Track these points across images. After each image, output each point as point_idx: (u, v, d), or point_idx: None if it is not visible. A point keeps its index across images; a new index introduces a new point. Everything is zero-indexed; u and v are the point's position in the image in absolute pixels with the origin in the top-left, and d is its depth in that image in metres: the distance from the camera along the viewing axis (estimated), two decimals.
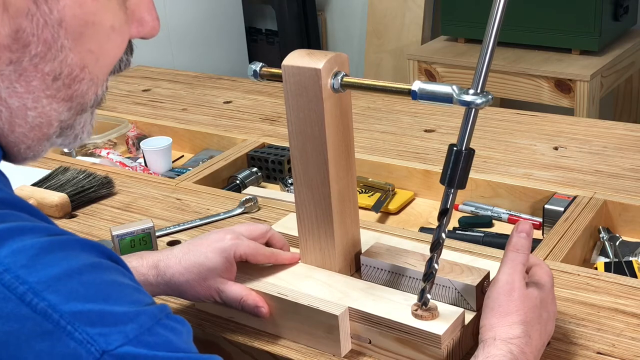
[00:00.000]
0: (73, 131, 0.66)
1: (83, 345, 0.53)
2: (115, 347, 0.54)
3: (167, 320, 0.59)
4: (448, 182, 0.87)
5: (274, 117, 1.86)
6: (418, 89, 0.87)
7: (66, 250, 0.57)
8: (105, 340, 0.53)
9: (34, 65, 0.59)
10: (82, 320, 0.53)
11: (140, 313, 0.56)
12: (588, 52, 2.65)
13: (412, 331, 0.91)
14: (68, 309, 0.53)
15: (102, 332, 0.54)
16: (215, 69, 3.21)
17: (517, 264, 0.90)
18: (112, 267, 0.59)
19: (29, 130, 0.62)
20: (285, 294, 0.99)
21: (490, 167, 1.49)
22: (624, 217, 1.31)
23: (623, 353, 0.94)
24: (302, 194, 1.00)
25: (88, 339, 0.53)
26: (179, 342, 0.59)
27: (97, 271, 0.57)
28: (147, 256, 1.00)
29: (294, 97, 0.94)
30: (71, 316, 0.53)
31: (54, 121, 0.63)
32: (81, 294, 0.54)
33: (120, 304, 0.56)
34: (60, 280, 0.54)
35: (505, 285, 0.87)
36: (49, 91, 0.61)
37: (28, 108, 0.61)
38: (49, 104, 0.62)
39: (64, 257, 0.56)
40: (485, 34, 0.84)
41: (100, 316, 0.54)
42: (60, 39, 0.60)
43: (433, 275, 0.91)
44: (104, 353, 0.53)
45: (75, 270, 0.56)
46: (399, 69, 3.29)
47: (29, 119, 0.61)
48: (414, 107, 1.81)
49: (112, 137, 1.82)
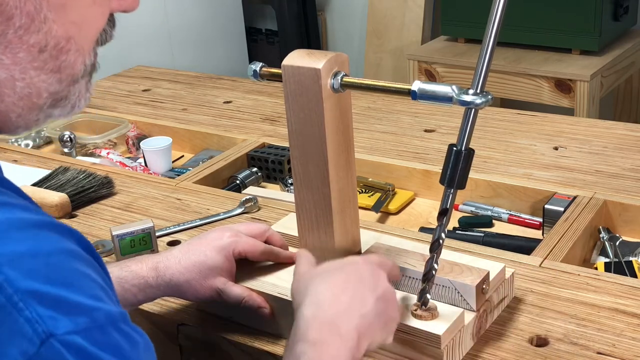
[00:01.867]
0: (68, 102, 0.67)
1: (31, 324, 0.52)
2: (62, 332, 0.53)
3: (125, 326, 0.57)
4: (448, 182, 0.87)
5: (274, 117, 1.86)
6: (418, 89, 0.86)
7: (40, 230, 0.57)
8: (54, 324, 0.53)
9: (19, 37, 0.61)
10: (36, 300, 0.53)
11: (97, 309, 0.56)
12: (588, 52, 2.65)
13: (412, 331, 0.91)
14: (24, 286, 0.53)
15: (53, 316, 0.53)
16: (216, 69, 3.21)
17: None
18: (85, 258, 0.59)
19: (17, 100, 0.63)
20: (286, 294, 0.99)
21: (490, 167, 1.49)
22: (624, 217, 1.31)
23: (623, 353, 0.94)
24: (302, 194, 1.00)
25: (37, 318, 0.52)
26: (130, 352, 0.57)
27: (65, 257, 0.57)
28: (146, 259, 1.00)
29: (293, 97, 0.94)
30: (25, 294, 0.53)
31: (43, 92, 0.64)
32: (42, 274, 0.54)
33: (79, 294, 0.55)
34: (23, 257, 0.54)
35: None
36: (36, 63, 0.62)
37: (16, 79, 0.62)
38: (37, 75, 0.63)
39: (35, 236, 0.56)
40: (485, 34, 0.84)
41: (55, 300, 0.54)
42: (43, 11, 0.61)
43: (433, 275, 0.91)
44: (50, 336, 0.52)
45: (42, 251, 0.55)
46: (399, 69, 3.29)
47: (17, 89, 0.62)
48: (414, 107, 1.81)
49: (112, 137, 1.82)
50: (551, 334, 0.98)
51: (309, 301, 0.82)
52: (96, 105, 2.03)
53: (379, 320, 0.83)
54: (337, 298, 0.82)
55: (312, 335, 0.78)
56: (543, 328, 0.99)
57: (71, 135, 1.79)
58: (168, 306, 1.10)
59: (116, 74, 2.32)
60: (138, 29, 3.09)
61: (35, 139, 1.88)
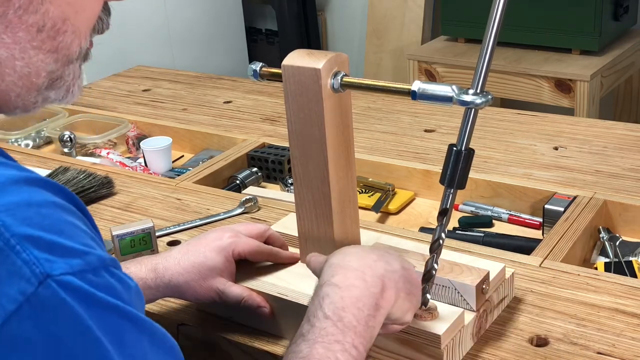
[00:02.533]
0: (64, 83, 0.69)
1: (29, 266, 0.54)
2: (59, 273, 0.55)
3: (116, 270, 0.60)
4: (448, 182, 0.87)
5: (274, 117, 1.86)
6: (418, 89, 0.87)
7: (32, 186, 0.59)
8: (51, 266, 0.55)
9: (19, 17, 0.62)
10: (32, 244, 0.55)
11: (89, 253, 0.58)
12: (588, 52, 2.65)
13: (412, 331, 0.91)
14: (20, 231, 0.55)
15: (49, 259, 0.55)
16: (216, 69, 3.21)
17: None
18: (74, 212, 0.61)
19: (17, 79, 0.65)
20: (285, 294, 0.99)
21: (490, 167, 1.49)
22: (624, 217, 1.31)
23: (623, 353, 0.94)
24: (302, 194, 1.00)
25: (34, 260, 0.55)
26: (122, 292, 0.59)
27: (57, 209, 0.59)
28: (145, 260, 1.00)
29: (294, 97, 0.94)
30: (22, 238, 0.55)
31: (41, 71, 0.66)
32: (36, 222, 0.56)
33: (71, 240, 0.57)
34: (19, 206, 0.57)
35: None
36: (34, 42, 0.64)
37: (16, 58, 0.64)
38: (35, 55, 0.65)
39: (29, 190, 0.59)
40: (485, 34, 0.84)
41: (50, 245, 0.56)
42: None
43: (433, 275, 0.91)
44: (48, 277, 0.55)
45: (35, 202, 0.58)
46: (399, 69, 3.29)
47: (17, 68, 0.64)
48: (414, 107, 1.81)
49: (112, 137, 1.82)
50: (551, 334, 0.98)
51: (337, 255, 0.86)
52: (96, 105, 2.03)
53: (404, 283, 0.85)
54: (364, 256, 0.85)
55: (336, 279, 0.81)
56: (543, 328, 0.99)
57: (71, 135, 1.79)
58: (168, 306, 1.10)
59: (116, 74, 2.32)
60: (138, 29, 3.09)
61: (35, 139, 1.88)
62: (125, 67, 2.39)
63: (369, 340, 0.79)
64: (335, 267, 0.84)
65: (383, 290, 0.82)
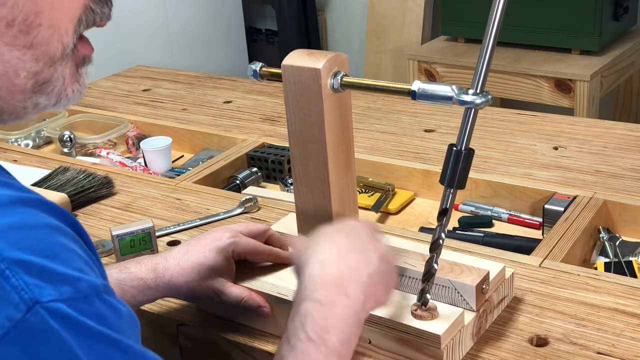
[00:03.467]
0: (53, 87, 0.66)
1: (17, 291, 0.53)
2: (48, 300, 0.54)
3: (108, 297, 0.59)
4: (448, 182, 0.87)
5: (274, 117, 1.86)
6: (418, 89, 0.87)
7: (27, 207, 0.58)
8: (40, 292, 0.54)
9: None
10: (22, 269, 0.54)
11: (81, 280, 0.57)
12: (588, 52, 2.65)
13: (412, 331, 0.91)
14: (11, 256, 0.54)
15: (39, 285, 0.54)
16: (216, 69, 3.21)
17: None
18: (69, 233, 0.60)
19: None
20: (285, 294, 0.99)
21: (490, 167, 1.49)
22: (624, 217, 1.31)
23: (623, 353, 0.94)
24: (302, 194, 1.00)
25: (24, 286, 0.54)
26: (113, 320, 0.58)
27: (51, 231, 0.58)
28: (145, 260, 1.00)
29: (294, 97, 0.94)
30: (12, 262, 0.54)
31: (19, 70, 0.63)
32: (28, 245, 0.55)
33: (63, 265, 0.56)
34: (10, 229, 0.55)
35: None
36: (6, 38, 0.61)
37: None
38: (9, 52, 0.62)
39: (23, 212, 0.57)
40: (485, 34, 0.84)
41: (41, 270, 0.55)
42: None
43: (433, 275, 0.91)
44: (37, 303, 0.54)
45: (29, 224, 0.57)
46: (399, 69, 3.29)
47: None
48: (414, 107, 1.81)
49: (112, 137, 1.82)
50: (551, 334, 0.98)
51: (315, 259, 0.82)
52: (96, 105, 2.03)
53: (383, 280, 0.83)
54: (343, 257, 0.81)
55: (318, 295, 0.78)
56: (543, 328, 0.99)
57: (71, 135, 1.79)
58: (168, 306, 1.10)
59: (116, 74, 2.32)
60: (138, 29, 3.09)
61: (35, 139, 1.88)
62: (125, 67, 2.39)
63: (350, 356, 0.77)
64: (316, 280, 0.79)
65: (365, 301, 0.79)
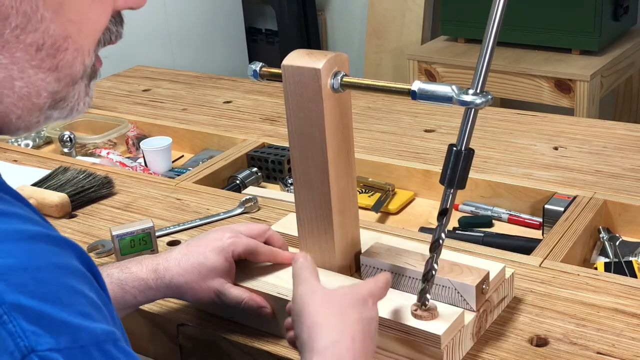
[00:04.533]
0: (67, 103, 0.67)
1: (13, 338, 0.52)
2: (44, 349, 0.53)
3: (109, 347, 0.57)
4: (448, 182, 0.87)
5: (274, 117, 1.86)
6: (418, 89, 0.87)
7: (35, 243, 0.57)
8: (37, 340, 0.53)
9: (16, 36, 0.61)
10: (21, 314, 0.53)
11: (81, 329, 0.55)
12: (588, 52, 2.65)
13: (411, 331, 0.91)
14: (10, 299, 0.53)
15: (36, 332, 0.53)
16: (216, 69, 3.21)
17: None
18: (79, 273, 0.58)
19: (17, 100, 0.63)
20: (285, 294, 0.99)
21: (490, 167, 1.49)
22: (624, 217, 1.31)
23: (623, 353, 0.94)
24: (302, 194, 1.00)
25: (20, 333, 0.53)
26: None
27: (57, 272, 0.56)
28: (146, 260, 1.00)
29: (293, 97, 0.94)
30: (11, 307, 0.53)
31: (42, 91, 0.64)
32: (29, 289, 0.54)
33: (65, 311, 0.55)
34: (13, 270, 0.54)
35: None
36: (33, 62, 0.62)
37: (14, 78, 0.62)
38: (35, 74, 0.63)
39: (29, 249, 0.56)
40: (485, 34, 0.84)
41: (40, 316, 0.54)
42: (40, 10, 0.61)
43: (433, 275, 0.91)
44: (32, 351, 0.53)
45: (34, 265, 0.55)
46: (399, 69, 3.29)
47: (16, 89, 0.62)
48: (414, 107, 1.81)
49: (112, 137, 1.82)
50: (551, 334, 0.98)
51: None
52: (96, 105, 2.03)
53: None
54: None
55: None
56: (543, 328, 0.99)
57: (71, 135, 1.79)
58: (168, 306, 1.10)
59: (116, 74, 2.32)
60: (138, 29, 3.08)
61: (35, 139, 1.88)
62: (125, 67, 2.39)
63: None
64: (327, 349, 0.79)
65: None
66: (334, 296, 0.85)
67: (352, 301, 0.84)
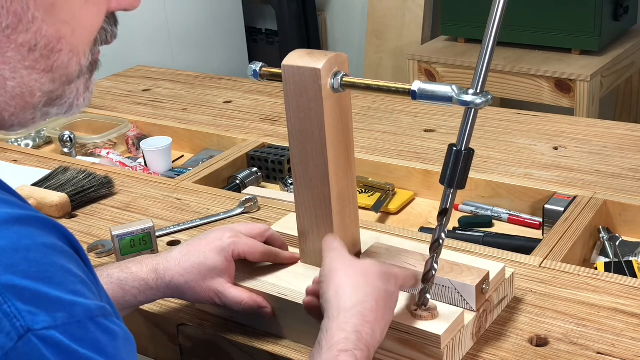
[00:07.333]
0: (65, 100, 0.67)
1: (9, 319, 0.53)
2: (40, 327, 0.53)
3: (104, 320, 0.58)
4: (448, 182, 0.87)
5: (274, 117, 1.86)
6: (418, 89, 0.87)
7: (23, 225, 0.57)
8: (33, 319, 0.53)
9: (7, 36, 0.60)
10: (15, 295, 0.53)
11: (76, 304, 0.56)
12: (588, 52, 2.65)
13: (411, 331, 0.91)
14: (4, 281, 0.53)
15: (32, 311, 0.53)
16: (216, 69, 3.21)
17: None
18: (66, 252, 0.59)
19: (10, 99, 0.63)
20: (285, 294, 0.99)
21: (490, 167, 1.49)
22: (624, 217, 1.31)
23: (623, 353, 0.94)
24: (302, 194, 1.00)
25: (16, 313, 0.53)
26: (108, 345, 0.57)
27: (47, 252, 0.57)
28: (147, 260, 1.00)
29: (293, 97, 0.94)
30: (5, 288, 0.53)
31: (36, 91, 0.64)
32: (21, 269, 0.55)
33: (58, 289, 0.56)
34: (4, 252, 0.55)
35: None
36: (26, 62, 0.62)
37: (6, 78, 0.62)
38: (28, 75, 0.63)
39: (18, 231, 0.56)
40: (485, 33, 0.84)
41: (34, 295, 0.54)
42: (31, 11, 0.61)
43: (433, 275, 0.91)
44: (29, 331, 0.53)
45: (23, 246, 0.56)
46: (399, 69, 3.29)
47: (8, 89, 0.62)
48: (414, 107, 1.81)
49: (112, 137, 1.82)
50: (551, 334, 0.98)
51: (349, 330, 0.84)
52: (96, 105, 2.03)
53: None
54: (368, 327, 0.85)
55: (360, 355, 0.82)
56: (543, 328, 0.99)
57: (71, 135, 1.79)
58: (168, 306, 1.10)
59: (116, 74, 2.32)
60: (138, 29, 3.09)
61: (35, 139, 1.88)
62: (125, 67, 2.39)
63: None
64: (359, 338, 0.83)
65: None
66: (362, 264, 0.91)
67: (378, 272, 0.89)
